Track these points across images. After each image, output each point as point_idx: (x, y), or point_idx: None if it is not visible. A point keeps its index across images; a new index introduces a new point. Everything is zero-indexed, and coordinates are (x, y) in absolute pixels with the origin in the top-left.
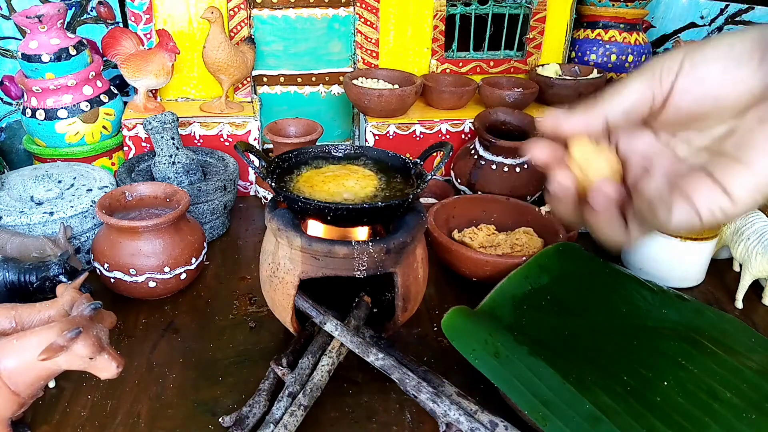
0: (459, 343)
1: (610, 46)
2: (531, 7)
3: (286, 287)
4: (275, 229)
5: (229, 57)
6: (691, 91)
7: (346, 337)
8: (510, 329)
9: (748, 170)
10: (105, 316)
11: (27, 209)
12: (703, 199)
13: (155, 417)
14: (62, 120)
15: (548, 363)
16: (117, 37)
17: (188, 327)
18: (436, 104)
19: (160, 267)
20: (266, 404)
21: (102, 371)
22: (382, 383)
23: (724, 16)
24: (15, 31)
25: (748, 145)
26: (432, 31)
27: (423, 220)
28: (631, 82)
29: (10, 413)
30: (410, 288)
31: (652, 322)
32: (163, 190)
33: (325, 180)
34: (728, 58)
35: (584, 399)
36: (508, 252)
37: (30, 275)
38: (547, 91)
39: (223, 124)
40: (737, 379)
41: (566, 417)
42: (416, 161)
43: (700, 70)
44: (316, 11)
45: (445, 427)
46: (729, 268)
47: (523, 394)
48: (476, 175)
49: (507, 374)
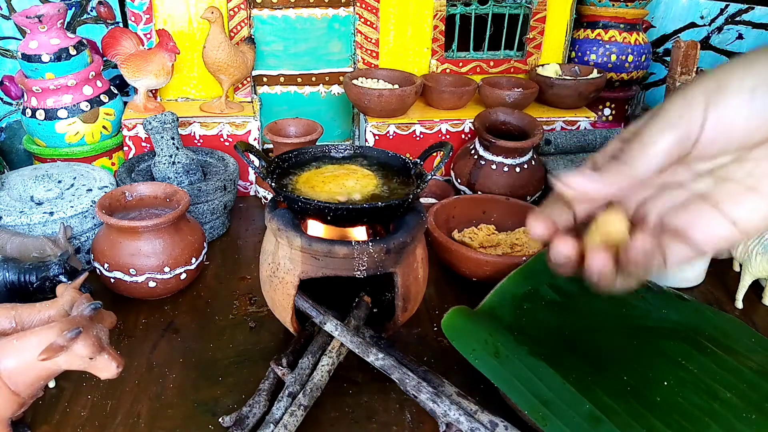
0: (459, 343)
1: (610, 46)
2: (531, 7)
3: (286, 287)
4: (275, 229)
5: (229, 57)
6: (714, 143)
7: (346, 337)
8: (510, 329)
9: (762, 199)
10: (105, 316)
11: (27, 209)
12: (706, 229)
13: (155, 417)
14: (62, 120)
15: (548, 363)
16: (117, 37)
17: (188, 327)
18: (436, 104)
19: (160, 267)
20: (266, 404)
21: (102, 371)
22: (382, 383)
23: (724, 16)
24: (15, 31)
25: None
26: (432, 31)
27: (423, 220)
28: (658, 136)
29: (10, 413)
30: (410, 288)
31: (652, 322)
32: (163, 190)
33: (325, 180)
34: (750, 108)
35: (584, 399)
36: (508, 252)
37: (30, 275)
38: (547, 91)
39: (223, 124)
40: (737, 379)
41: (566, 417)
42: (416, 161)
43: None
44: (316, 11)
45: (445, 427)
46: (729, 268)
47: (523, 394)
48: (476, 175)
49: (507, 374)
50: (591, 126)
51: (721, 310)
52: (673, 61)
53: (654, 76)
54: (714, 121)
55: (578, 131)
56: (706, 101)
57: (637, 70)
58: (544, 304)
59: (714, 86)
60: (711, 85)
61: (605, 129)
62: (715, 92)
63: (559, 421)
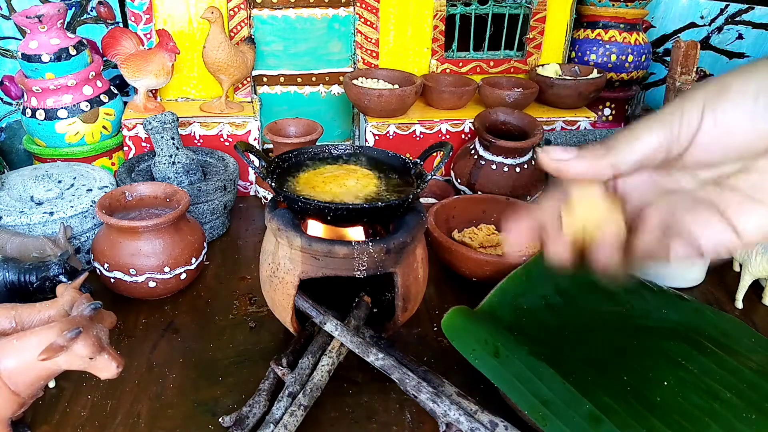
0: (459, 343)
1: (610, 46)
2: (531, 7)
3: (286, 287)
4: (275, 229)
5: (229, 57)
6: (711, 147)
7: (346, 337)
8: (510, 329)
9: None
10: (105, 316)
11: (27, 209)
12: (709, 236)
13: (155, 417)
14: (62, 120)
15: (548, 363)
16: (117, 37)
17: (188, 327)
18: (436, 104)
19: (160, 267)
20: (266, 404)
21: (102, 371)
22: (382, 383)
23: (724, 16)
24: (15, 31)
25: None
26: (432, 31)
27: (423, 220)
28: (645, 132)
29: (10, 413)
30: (410, 288)
31: (652, 322)
32: (163, 190)
33: (325, 180)
34: (753, 113)
35: (584, 399)
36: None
37: (30, 275)
38: (547, 91)
39: (223, 124)
40: (737, 379)
41: (566, 417)
42: (416, 161)
43: (722, 127)
44: (316, 11)
45: (445, 427)
46: (729, 268)
47: (523, 394)
48: (476, 175)
49: (507, 374)
50: (591, 126)
51: (721, 310)
52: (673, 61)
53: (654, 76)
54: (711, 123)
55: (578, 131)
56: (703, 104)
57: (637, 70)
58: (544, 304)
59: (714, 90)
60: (712, 89)
61: (605, 129)
62: (715, 96)
63: (559, 421)
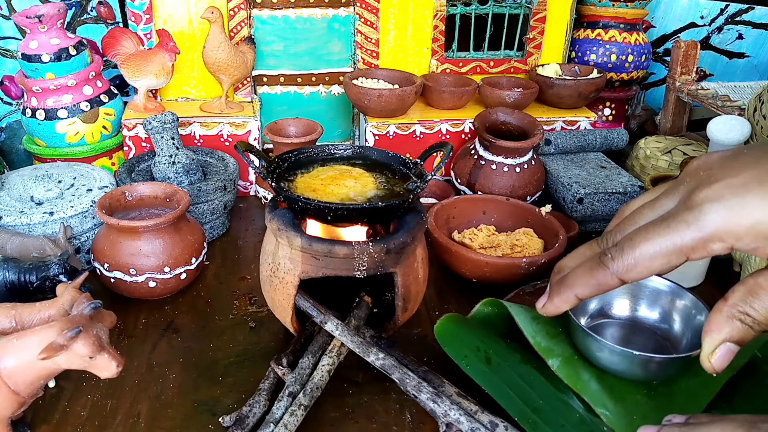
0: (451, 349)
1: (610, 46)
2: (531, 7)
3: (286, 287)
4: (275, 229)
5: (229, 57)
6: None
7: (346, 336)
8: (503, 337)
9: None
10: (105, 316)
11: (27, 209)
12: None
13: (155, 417)
14: (62, 120)
15: (539, 371)
16: (117, 37)
17: (188, 327)
18: (436, 104)
19: (160, 267)
20: (266, 404)
21: (102, 370)
22: (382, 383)
23: (724, 16)
24: (15, 31)
25: None
26: (432, 31)
27: (423, 220)
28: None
29: (10, 413)
30: (410, 288)
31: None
32: (163, 190)
33: (325, 180)
34: None
35: (574, 407)
36: (508, 253)
37: (30, 275)
38: (547, 91)
39: (223, 124)
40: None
41: (556, 425)
42: (416, 161)
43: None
44: (316, 11)
45: (445, 428)
46: (729, 269)
47: (514, 402)
48: (476, 175)
49: (498, 381)
50: (591, 126)
51: None
52: (673, 61)
53: (654, 76)
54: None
55: (578, 131)
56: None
57: (637, 70)
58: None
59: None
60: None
61: (605, 129)
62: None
63: (549, 429)
